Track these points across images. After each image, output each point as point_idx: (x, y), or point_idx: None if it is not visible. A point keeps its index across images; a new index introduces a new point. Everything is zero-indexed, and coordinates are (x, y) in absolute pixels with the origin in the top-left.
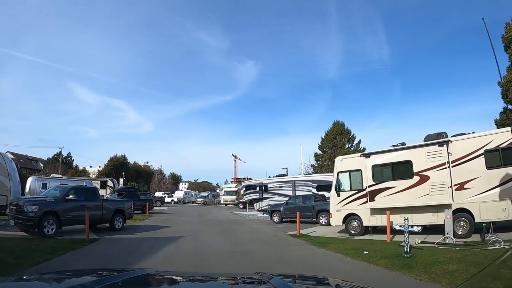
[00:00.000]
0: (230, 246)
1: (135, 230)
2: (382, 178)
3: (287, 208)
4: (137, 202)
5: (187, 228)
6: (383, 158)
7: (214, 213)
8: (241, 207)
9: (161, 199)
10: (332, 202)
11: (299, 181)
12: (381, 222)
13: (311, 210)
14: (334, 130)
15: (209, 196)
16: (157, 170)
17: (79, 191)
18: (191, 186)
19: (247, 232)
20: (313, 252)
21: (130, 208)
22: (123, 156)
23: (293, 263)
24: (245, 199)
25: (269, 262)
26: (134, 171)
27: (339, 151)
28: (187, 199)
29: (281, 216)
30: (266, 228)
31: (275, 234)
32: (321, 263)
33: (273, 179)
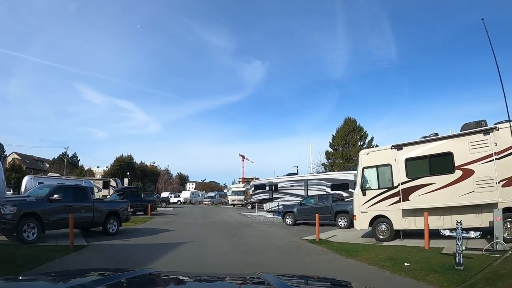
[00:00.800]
0: (239, 255)
1: (132, 235)
2: (417, 173)
3: (301, 209)
4: (139, 203)
5: (190, 232)
6: (419, 150)
7: (221, 214)
8: (249, 207)
9: (166, 200)
10: (357, 203)
11: (312, 180)
12: (414, 225)
13: (328, 211)
14: (345, 127)
15: (216, 196)
16: (164, 170)
17: (66, 190)
18: (198, 186)
19: (258, 237)
20: (341, 263)
21: (126, 209)
22: (129, 156)
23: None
24: (254, 199)
25: None
26: (141, 171)
27: (351, 149)
28: (193, 199)
29: (295, 218)
30: (279, 232)
31: (290, 239)
32: (356, 280)
33: (283, 178)
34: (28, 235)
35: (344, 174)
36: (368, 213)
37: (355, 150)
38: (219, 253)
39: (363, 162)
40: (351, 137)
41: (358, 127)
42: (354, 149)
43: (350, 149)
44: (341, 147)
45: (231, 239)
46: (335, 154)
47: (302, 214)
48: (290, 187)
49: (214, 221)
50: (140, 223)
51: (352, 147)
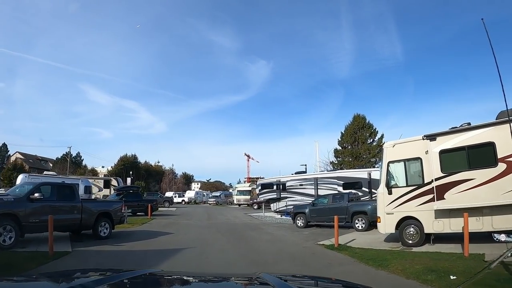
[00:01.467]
0: (247, 265)
1: (126, 239)
2: (454, 167)
3: (313, 210)
4: (139, 203)
5: (191, 236)
6: (455, 141)
7: (226, 215)
8: (255, 207)
9: (170, 200)
10: (381, 203)
11: (322, 178)
12: (449, 227)
13: (343, 212)
14: (354, 124)
15: (221, 196)
16: (169, 170)
17: (49, 188)
18: (203, 186)
19: (268, 242)
20: (371, 276)
21: (120, 210)
22: (134, 156)
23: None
24: (261, 199)
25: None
26: (145, 171)
27: (361, 147)
28: (198, 199)
29: (306, 219)
30: (290, 235)
31: (304, 244)
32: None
33: (292, 177)
34: (4, 239)
35: (357, 172)
36: (395, 214)
37: (365, 147)
38: (223, 263)
39: (388, 156)
40: (360, 135)
41: (367, 124)
42: (363, 146)
43: (359, 147)
44: (350, 144)
45: (237, 245)
46: (344, 152)
47: (315, 215)
48: (299, 186)
49: (218, 223)
50: (138, 225)
51: (362, 144)
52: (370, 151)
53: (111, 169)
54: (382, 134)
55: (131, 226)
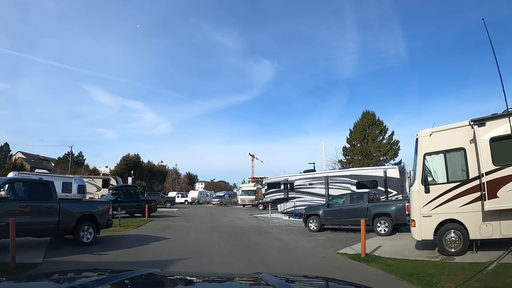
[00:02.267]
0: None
1: (113, 245)
2: (510, 158)
3: (328, 212)
4: (136, 204)
5: (190, 242)
6: (508, 126)
7: (230, 216)
8: (261, 208)
9: (171, 200)
10: (416, 203)
11: (334, 176)
12: (499, 232)
13: (363, 214)
14: (363, 121)
15: (225, 196)
16: (172, 169)
17: (20, 186)
18: (207, 186)
19: (280, 251)
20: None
21: (107, 212)
22: (136, 155)
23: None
24: (267, 199)
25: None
26: (148, 171)
27: (371, 144)
28: (202, 199)
29: (320, 222)
30: (304, 242)
31: (322, 253)
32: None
33: (300, 175)
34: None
35: (372, 170)
36: (433, 217)
37: (375, 145)
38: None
39: (424, 147)
40: (370, 132)
41: (377, 120)
42: (374, 144)
43: (369, 145)
44: (359, 142)
45: (243, 255)
46: (353, 150)
47: (330, 217)
48: (308, 185)
49: (221, 225)
50: (132, 228)
51: (372, 142)
52: (380, 148)
53: (114, 169)
54: (393, 131)
55: (124, 229)
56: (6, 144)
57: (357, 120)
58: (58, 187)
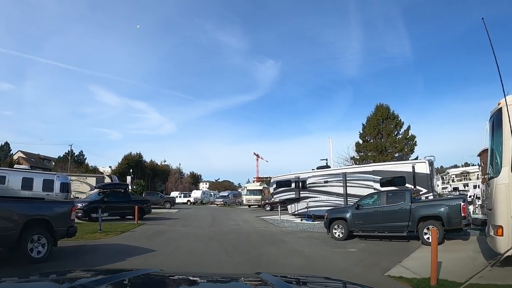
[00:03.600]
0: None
1: (72, 262)
2: None
3: (358, 215)
4: (126, 204)
5: (179, 258)
6: None
7: (235, 219)
8: (268, 209)
9: (171, 200)
10: (503, 200)
11: (353, 173)
12: None
13: (405, 216)
14: (377, 115)
15: (230, 196)
16: (175, 169)
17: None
18: (212, 185)
19: (304, 272)
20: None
21: (68, 216)
22: (138, 154)
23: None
24: (275, 199)
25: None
26: (151, 170)
27: (386, 140)
28: (205, 199)
29: (348, 228)
30: (332, 256)
31: (368, 277)
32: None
33: (314, 172)
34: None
35: (398, 165)
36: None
37: (391, 140)
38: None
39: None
40: (385, 126)
41: (392, 114)
42: (389, 139)
43: (384, 140)
44: (372, 137)
45: None
46: (366, 146)
47: (361, 222)
48: (323, 183)
49: (223, 231)
50: (114, 235)
51: (387, 137)
52: (396, 144)
53: (115, 168)
54: (409, 126)
55: (104, 236)
56: (6, 143)
57: (370, 114)
58: (38, 185)
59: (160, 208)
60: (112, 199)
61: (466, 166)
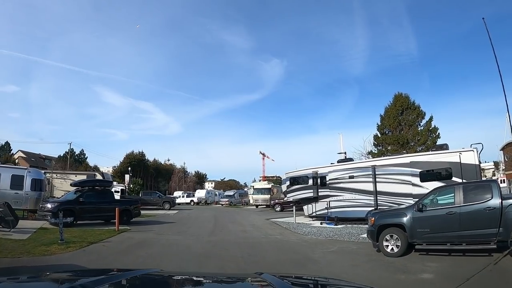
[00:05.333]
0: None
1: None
2: None
3: (421, 220)
4: (108, 206)
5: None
6: None
7: (241, 222)
8: (278, 209)
9: (171, 200)
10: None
11: (384, 166)
12: None
13: (492, 220)
14: (396, 105)
15: (235, 195)
16: (179, 168)
17: None
18: (217, 185)
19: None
20: None
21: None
22: (141, 153)
23: None
24: (289, 198)
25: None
26: (154, 169)
27: (407, 131)
28: (209, 199)
29: (406, 238)
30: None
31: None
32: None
33: (335, 166)
34: None
35: (442, 155)
36: None
37: (414, 132)
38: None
39: None
40: (405, 117)
41: (412, 104)
42: (413, 130)
43: (405, 132)
44: (392, 130)
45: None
46: (385, 139)
47: (427, 230)
48: (347, 178)
49: (226, 241)
50: (77, 248)
51: (409, 128)
52: (419, 136)
53: (117, 167)
54: (431, 117)
55: (62, 250)
56: (7, 143)
57: (388, 104)
58: (6, 181)
59: (158, 209)
60: (90, 199)
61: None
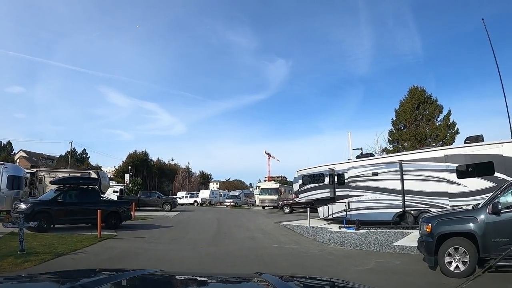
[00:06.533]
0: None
1: None
2: None
3: (498, 226)
4: (93, 207)
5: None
6: None
7: (248, 226)
8: (286, 211)
9: (171, 201)
10: None
11: (414, 161)
12: None
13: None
14: (412, 99)
15: (241, 196)
16: (184, 168)
17: None
18: (222, 185)
19: None
20: None
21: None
22: (144, 153)
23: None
24: (301, 199)
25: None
26: (158, 169)
27: (425, 126)
28: (214, 199)
29: (476, 251)
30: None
31: None
32: None
33: (355, 162)
34: None
35: (483, 147)
36: None
37: (433, 127)
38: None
39: None
40: (422, 111)
41: (428, 98)
42: (431, 125)
43: (423, 127)
44: (408, 125)
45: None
46: (402, 135)
47: (506, 240)
48: (370, 176)
49: (230, 253)
50: (37, 262)
51: (427, 123)
52: (437, 131)
53: (119, 167)
54: (449, 111)
55: (18, 265)
56: (9, 142)
57: (403, 98)
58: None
59: (157, 211)
60: (71, 199)
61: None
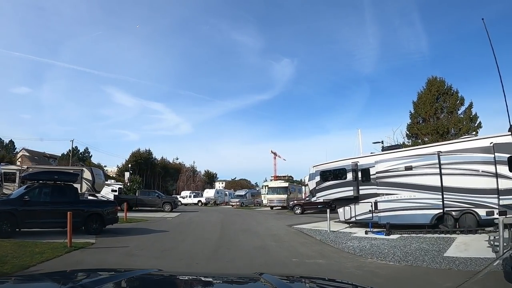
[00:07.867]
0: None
1: None
2: None
3: None
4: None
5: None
6: None
7: (256, 230)
8: (298, 212)
9: (172, 201)
10: None
11: (453, 152)
12: None
13: None
14: (431, 90)
15: (247, 195)
16: (189, 167)
17: None
18: (228, 184)
19: None
20: None
21: None
22: (148, 151)
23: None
24: (319, 198)
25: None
26: (162, 168)
27: (447, 119)
28: (219, 199)
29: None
30: None
31: None
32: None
33: (383, 155)
34: None
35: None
36: None
37: (455, 119)
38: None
39: None
40: (442, 103)
41: (449, 89)
42: (453, 118)
43: (445, 120)
44: (427, 118)
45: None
46: (421, 129)
47: None
48: (403, 170)
49: (234, 267)
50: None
51: (449, 115)
52: (460, 124)
53: (122, 166)
54: (471, 103)
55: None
56: (11, 141)
57: (421, 90)
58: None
59: (157, 211)
60: (41, 199)
61: None
